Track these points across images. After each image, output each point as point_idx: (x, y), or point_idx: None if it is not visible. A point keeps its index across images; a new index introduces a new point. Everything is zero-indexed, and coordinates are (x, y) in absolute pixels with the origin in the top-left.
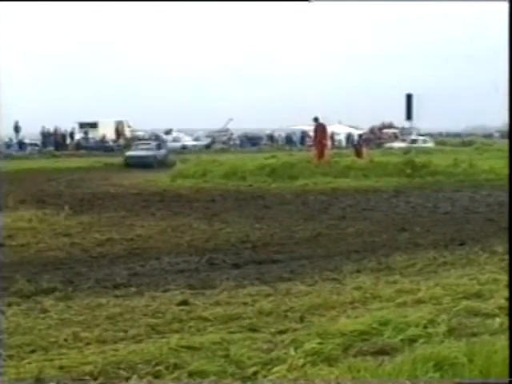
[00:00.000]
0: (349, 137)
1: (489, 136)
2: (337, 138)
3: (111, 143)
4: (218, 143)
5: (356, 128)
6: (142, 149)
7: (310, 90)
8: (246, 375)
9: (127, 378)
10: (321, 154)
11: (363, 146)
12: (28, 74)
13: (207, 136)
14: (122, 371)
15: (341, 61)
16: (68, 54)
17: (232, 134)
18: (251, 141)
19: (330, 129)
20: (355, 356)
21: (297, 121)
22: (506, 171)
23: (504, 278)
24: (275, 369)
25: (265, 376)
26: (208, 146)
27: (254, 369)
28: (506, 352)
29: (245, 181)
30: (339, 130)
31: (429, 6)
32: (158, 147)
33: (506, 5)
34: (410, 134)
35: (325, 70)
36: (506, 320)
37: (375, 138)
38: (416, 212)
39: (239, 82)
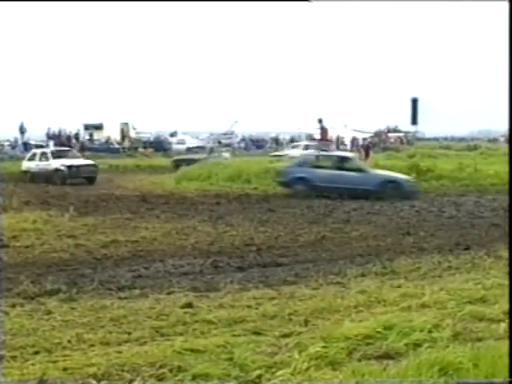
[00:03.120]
0: (353, 140)
1: (494, 140)
2: (343, 141)
3: (116, 145)
4: (222, 146)
5: (361, 132)
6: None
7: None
8: (250, 378)
9: (131, 381)
10: None
11: (366, 150)
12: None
13: (213, 139)
14: (125, 373)
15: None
16: (73, 55)
17: (237, 137)
18: (256, 143)
19: (335, 132)
20: (359, 360)
21: (301, 124)
22: None
23: (508, 283)
24: (279, 372)
25: (269, 379)
26: (212, 151)
27: (257, 372)
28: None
29: (249, 184)
30: (344, 133)
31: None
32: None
33: (506, 5)
34: (416, 137)
35: (330, 74)
36: (508, 325)
37: (380, 141)
38: (421, 216)
39: (244, 84)
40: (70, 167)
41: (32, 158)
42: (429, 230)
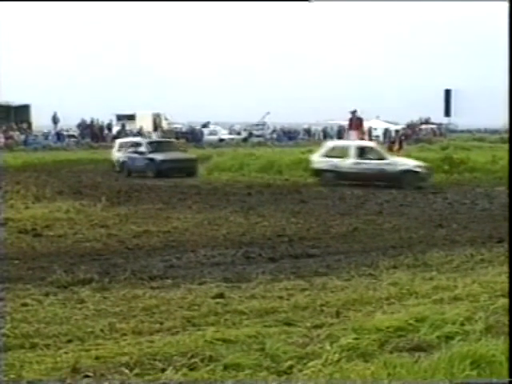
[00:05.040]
0: (386, 132)
1: None
2: (374, 133)
3: (148, 136)
4: (254, 137)
5: (394, 123)
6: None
7: (348, 86)
8: (281, 369)
9: (163, 370)
10: None
11: (399, 142)
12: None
13: (244, 129)
14: (157, 363)
15: (379, 58)
16: (107, 46)
17: (268, 128)
18: (288, 135)
19: (367, 124)
20: (391, 352)
21: (334, 115)
22: None
23: None
24: (310, 363)
25: (300, 370)
26: (245, 140)
27: (289, 363)
28: None
29: (281, 175)
30: (377, 125)
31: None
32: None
33: (506, 5)
34: (449, 129)
35: (364, 68)
36: None
37: (413, 133)
38: (453, 208)
39: (276, 76)
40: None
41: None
42: (461, 222)
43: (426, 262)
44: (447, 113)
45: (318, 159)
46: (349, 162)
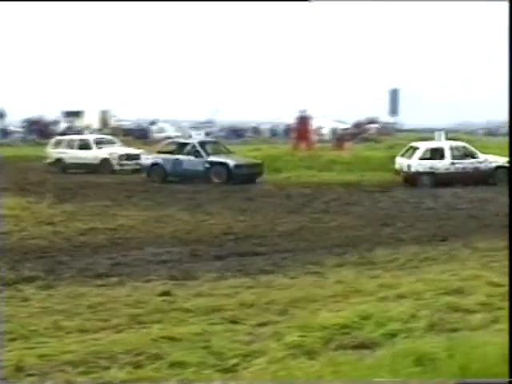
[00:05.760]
0: (334, 131)
1: (472, 133)
2: (322, 131)
3: (92, 132)
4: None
5: (342, 122)
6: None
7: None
8: (227, 367)
9: (107, 368)
10: (306, 146)
11: (346, 141)
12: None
13: (192, 127)
14: (102, 360)
15: (326, 55)
16: (53, 41)
17: (216, 126)
18: (236, 133)
19: (314, 123)
20: (336, 349)
21: (282, 114)
22: None
23: (485, 274)
24: (256, 361)
25: (245, 368)
26: (190, 137)
27: (234, 361)
28: (486, 348)
29: None
30: (324, 123)
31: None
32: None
33: (506, 5)
34: (395, 129)
35: (310, 65)
36: (486, 316)
37: (360, 132)
38: (399, 207)
39: (225, 73)
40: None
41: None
42: (407, 220)
43: (372, 260)
44: (393, 112)
45: (415, 162)
46: (445, 163)
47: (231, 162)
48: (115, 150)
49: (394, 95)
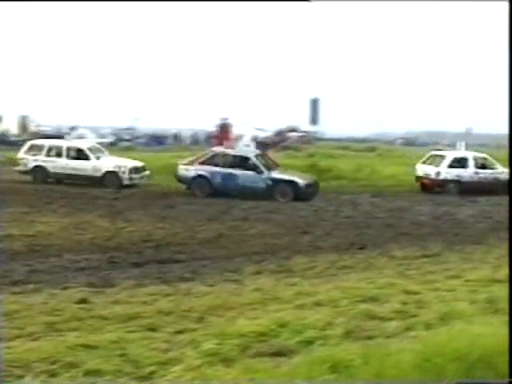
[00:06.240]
0: (255, 139)
1: (390, 143)
2: (243, 139)
3: (14, 138)
4: (123, 141)
5: (263, 130)
6: None
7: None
8: (143, 375)
9: (21, 376)
10: None
11: (267, 148)
12: None
13: (113, 134)
14: (15, 369)
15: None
16: None
17: (138, 133)
18: (157, 140)
19: (235, 130)
20: (253, 357)
21: (203, 121)
22: (406, 177)
23: (400, 282)
24: (172, 369)
25: (162, 376)
26: (113, 144)
27: (151, 368)
28: (400, 355)
29: (150, 180)
30: (245, 131)
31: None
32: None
33: (506, 5)
34: (316, 137)
35: (231, 71)
36: (400, 323)
37: (281, 140)
38: (318, 215)
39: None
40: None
41: None
42: (326, 229)
43: (290, 267)
44: (313, 121)
45: (444, 170)
46: (470, 172)
47: (300, 181)
48: (120, 162)
49: (315, 104)
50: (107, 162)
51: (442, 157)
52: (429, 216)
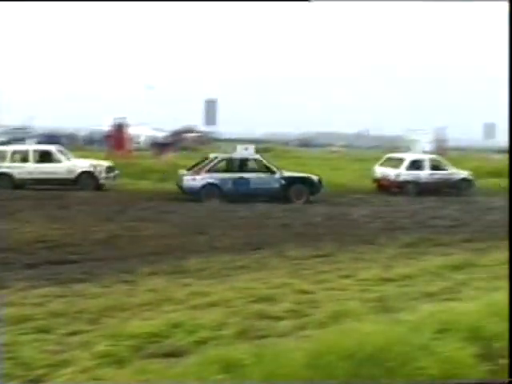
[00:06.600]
0: (151, 139)
1: (285, 143)
2: (139, 139)
3: None
4: (16, 141)
5: (160, 131)
6: None
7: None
8: (33, 377)
9: None
10: (122, 153)
11: (164, 149)
12: None
13: (5, 133)
14: None
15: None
16: None
17: (31, 132)
18: (51, 139)
19: (131, 131)
20: (145, 358)
21: (99, 121)
22: None
23: (294, 282)
24: (64, 371)
25: (53, 378)
26: (3, 144)
27: (42, 371)
28: (292, 354)
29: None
30: (141, 131)
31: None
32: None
33: (506, 5)
34: (213, 138)
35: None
36: (293, 323)
37: (178, 141)
38: (214, 216)
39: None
40: None
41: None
42: (221, 229)
43: (185, 268)
44: (209, 122)
45: (404, 172)
46: (426, 174)
47: (315, 178)
48: (94, 162)
49: (211, 105)
50: (81, 163)
51: (400, 159)
52: (324, 216)
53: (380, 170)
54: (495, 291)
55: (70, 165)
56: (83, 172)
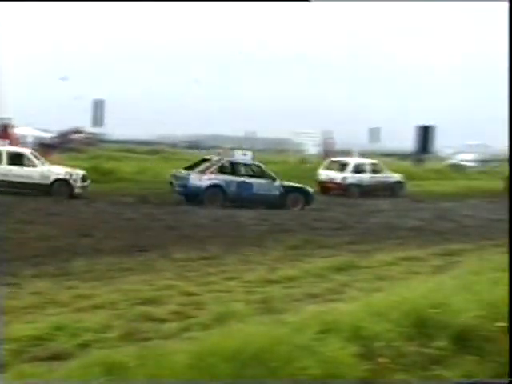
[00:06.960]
0: (37, 140)
1: (175, 145)
2: (26, 140)
3: None
4: None
5: (46, 131)
6: None
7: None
8: None
9: None
10: None
11: (50, 150)
12: None
13: None
14: None
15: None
16: None
17: None
18: None
19: (17, 131)
20: (27, 362)
21: None
22: None
23: (179, 283)
24: None
25: None
26: None
27: None
28: (176, 356)
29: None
30: (27, 132)
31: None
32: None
33: (506, 5)
34: (101, 139)
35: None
36: (177, 325)
37: (64, 142)
38: (101, 217)
39: None
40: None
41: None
42: (107, 231)
43: (69, 270)
44: (97, 123)
45: (349, 175)
46: (368, 177)
47: (310, 189)
48: (70, 169)
49: (98, 106)
50: (57, 169)
51: (345, 163)
52: (210, 219)
53: (325, 173)
54: (377, 292)
55: (45, 170)
56: (57, 179)
